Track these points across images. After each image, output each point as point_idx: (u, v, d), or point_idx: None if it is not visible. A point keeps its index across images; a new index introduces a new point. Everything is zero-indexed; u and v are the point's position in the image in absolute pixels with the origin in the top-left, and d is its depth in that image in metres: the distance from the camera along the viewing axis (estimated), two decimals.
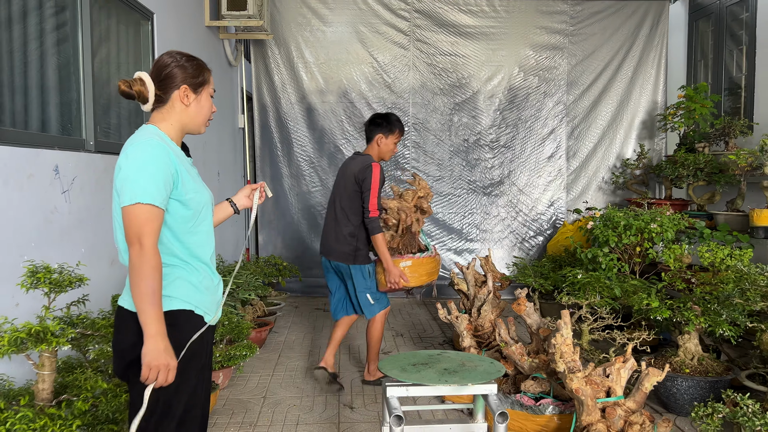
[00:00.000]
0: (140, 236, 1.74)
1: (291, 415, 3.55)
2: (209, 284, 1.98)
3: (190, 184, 1.90)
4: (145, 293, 1.72)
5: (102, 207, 3.32)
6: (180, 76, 1.92)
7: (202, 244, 1.96)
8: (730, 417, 2.38)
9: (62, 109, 3.14)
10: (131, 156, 1.80)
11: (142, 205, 1.75)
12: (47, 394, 2.05)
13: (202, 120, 2.01)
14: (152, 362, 1.72)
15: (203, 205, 1.95)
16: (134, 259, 1.74)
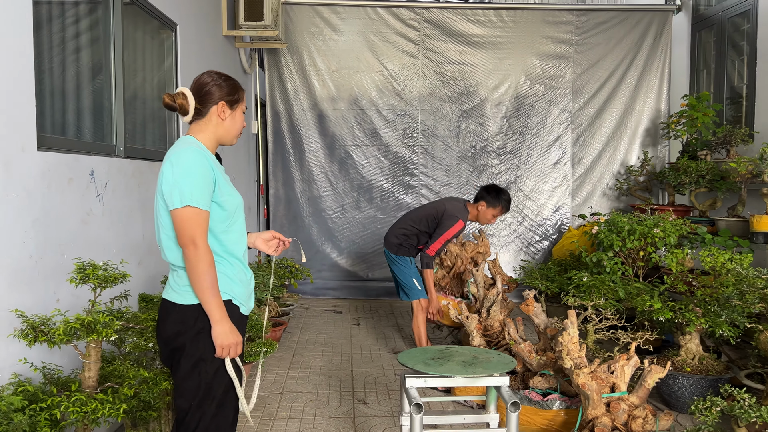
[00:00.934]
0: (193, 237, 1.95)
1: (308, 410, 3.71)
2: (243, 278, 2.17)
3: (225, 188, 2.09)
4: (206, 287, 1.95)
5: (131, 210, 3.49)
6: (218, 93, 2.12)
7: (236, 242, 2.15)
8: (727, 410, 2.53)
9: (96, 117, 3.32)
10: (176, 164, 1.99)
11: (191, 208, 1.95)
12: (93, 382, 2.22)
13: (235, 133, 2.21)
14: (223, 342, 1.98)
15: (236, 207, 2.14)
16: (191, 259, 1.95)
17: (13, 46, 2.41)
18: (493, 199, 4.38)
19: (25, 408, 1.86)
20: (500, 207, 4.38)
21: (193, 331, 2.02)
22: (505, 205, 4.38)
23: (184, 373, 2.02)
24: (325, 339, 5.34)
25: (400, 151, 6.98)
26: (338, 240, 7.04)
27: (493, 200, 4.38)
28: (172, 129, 4.38)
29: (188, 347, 2.02)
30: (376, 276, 7.02)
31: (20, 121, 2.45)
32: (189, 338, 2.02)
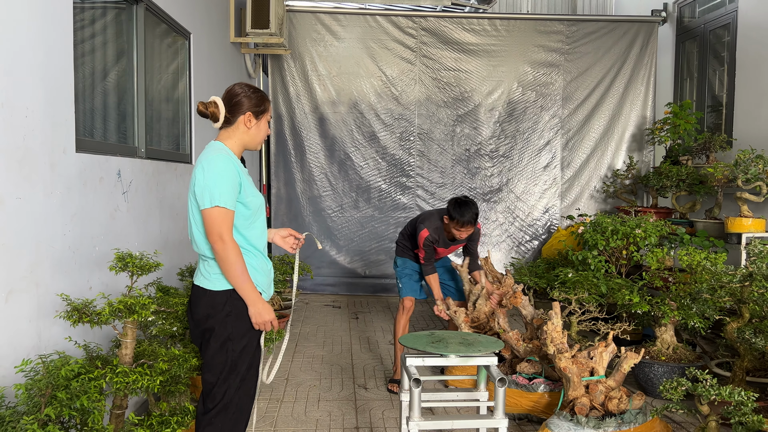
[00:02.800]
0: (221, 233, 2.23)
1: (312, 394, 4.01)
2: (264, 267, 2.47)
3: (249, 189, 2.38)
4: (238, 274, 2.25)
5: (150, 207, 3.77)
6: (246, 104, 2.39)
7: (258, 236, 2.45)
8: (691, 389, 2.85)
9: (120, 121, 3.60)
10: (207, 168, 2.27)
11: (219, 208, 2.23)
12: (129, 359, 2.50)
13: (260, 140, 2.48)
14: (259, 320, 2.31)
15: (258, 206, 2.43)
16: (221, 252, 2.23)
17: (58, 57, 2.70)
18: (451, 211, 4.00)
19: (76, 378, 2.14)
20: (455, 220, 3.94)
21: (222, 314, 2.31)
22: (458, 218, 3.92)
23: (213, 351, 2.31)
24: (326, 331, 5.63)
25: (398, 153, 7.28)
26: (337, 238, 7.33)
27: (451, 212, 4.00)
28: (186, 132, 4.67)
29: (217, 328, 2.31)
30: (374, 273, 7.32)
31: (64, 126, 2.73)
32: (218, 320, 2.31)
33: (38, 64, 2.54)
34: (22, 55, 2.43)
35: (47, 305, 2.57)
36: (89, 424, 2.10)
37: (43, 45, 2.58)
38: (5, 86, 2.31)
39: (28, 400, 1.98)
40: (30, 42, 2.48)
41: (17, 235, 2.37)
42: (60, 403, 1.97)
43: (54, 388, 2.01)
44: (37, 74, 2.53)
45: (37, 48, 2.53)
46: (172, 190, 4.16)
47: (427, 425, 2.55)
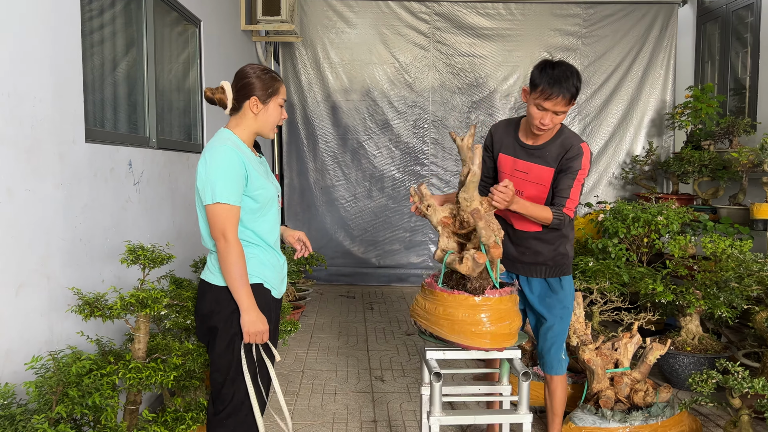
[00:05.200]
0: (224, 231, 2.09)
1: (329, 386, 3.94)
2: (275, 263, 2.32)
3: (257, 181, 2.20)
4: (235, 277, 2.10)
5: (162, 198, 3.71)
6: (251, 87, 2.21)
7: (269, 230, 2.29)
8: (722, 381, 2.74)
9: (131, 110, 3.53)
10: (209, 161, 2.13)
11: (221, 204, 2.09)
12: (142, 354, 2.44)
13: (270, 126, 2.29)
14: (250, 330, 2.13)
15: (269, 199, 2.26)
16: (222, 251, 2.10)
17: (66, 46, 2.62)
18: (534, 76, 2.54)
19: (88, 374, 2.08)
20: (539, 87, 2.48)
21: (227, 310, 2.17)
22: (544, 84, 2.46)
23: (219, 350, 2.20)
24: (341, 322, 5.57)
25: (411, 141, 7.18)
26: (351, 228, 7.26)
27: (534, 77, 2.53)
28: (197, 121, 4.60)
29: (222, 326, 2.17)
30: (388, 263, 7.25)
31: (72, 116, 2.67)
32: (223, 318, 2.17)
33: (46, 53, 2.47)
34: (29, 44, 2.35)
35: (59, 299, 2.52)
36: (102, 422, 2.05)
37: (50, 33, 2.50)
38: (11, 75, 2.23)
39: (39, 397, 1.92)
40: (37, 30, 2.41)
41: (27, 228, 2.31)
42: (72, 400, 1.91)
43: (65, 385, 1.95)
44: (44, 63, 2.45)
45: (44, 37, 2.46)
46: (183, 181, 4.09)
47: (449, 420, 2.47)
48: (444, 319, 2.41)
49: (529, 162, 2.66)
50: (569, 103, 2.48)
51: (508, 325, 2.38)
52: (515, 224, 2.74)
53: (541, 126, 2.53)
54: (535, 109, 2.51)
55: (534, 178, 2.66)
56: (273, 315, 2.34)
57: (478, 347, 2.40)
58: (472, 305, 2.35)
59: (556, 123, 2.52)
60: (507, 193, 2.30)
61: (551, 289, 2.77)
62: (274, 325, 2.37)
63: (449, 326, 2.40)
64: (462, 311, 2.37)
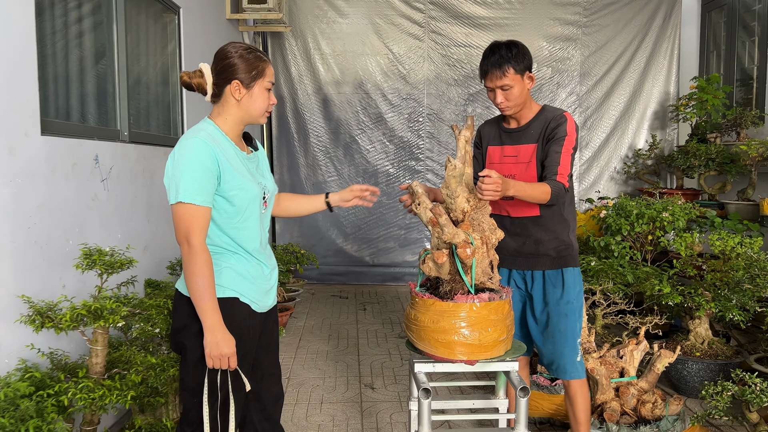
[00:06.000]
0: (187, 235, 1.82)
1: (315, 395, 3.71)
2: (257, 273, 2.02)
3: (234, 181, 1.91)
4: (198, 289, 1.81)
5: (136, 195, 3.47)
6: (232, 70, 1.93)
7: (249, 237, 1.99)
8: (738, 394, 2.51)
9: (100, 102, 3.28)
10: (177, 156, 1.87)
11: (184, 204, 1.82)
12: (100, 368, 2.21)
13: (258, 113, 2.00)
14: (211, 353, 1.84)
15: (249, 202, 1.96)
16: (185, 258, 1.83)
17: (15, 32, 2.38)
18: None
19: (33, 394, 1.85)
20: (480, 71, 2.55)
21: (198, 326, 1.89)
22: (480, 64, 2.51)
23: (187, 369, 1.94)
24: (331, 324, 5.34)
25: (406, 135, 6.93)
26: (344, 226, 7.02)
27: None
28: (177, 114, 4.35)
29: (192, 343, 1.92)
30: (382, 261, 7.01)
31: (23, 107, 2.42)
32: (193, 333, 1.91)
33: None
34: None
35: (9, 308, 2.27)
36: None
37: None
38: None
39: None
40: None
41: None
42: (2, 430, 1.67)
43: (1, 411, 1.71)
44: None
45: None
46: (161, 177, 3.84)
47: None
48: (414, 323, 2.20)
49: (515, 145, 2.57)
50: (505, 74, 2.41)
51: (479, 335, 2.13)
52: (512, 212, 2.58)
53: (500, 106, 2.50)
54: (487, 91, 2.53)
55: (522, 158, 2.55)
56: (251, 333, 2.03)
57: (442, 357, 2.18)
58: (439, 311, 2.13)
59: (511, 99, 2.46)
60: (493, 182, 2.11)
61: (552, 283, 2.55)
62: (253, 345, 2.07)
63: (417, 332, 2.18)
64: (428, 317, 2.15)
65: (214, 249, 1.95)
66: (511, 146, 2.58)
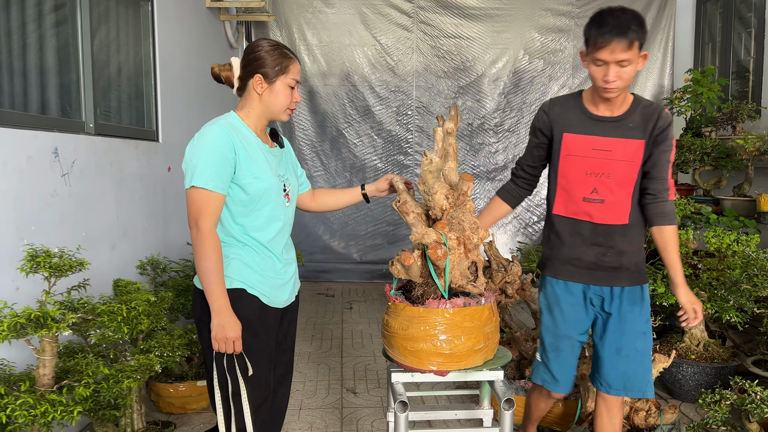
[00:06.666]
0: (197, 219, 1.84)
1: (294, 400, 3.54)
2: (268, 266, 2.00)
3: (249, 169, 1.92)
4: (206, 273, 1.83)
5: (103, 190, 3.28)
6: (257, 63, 1.95)
7: (261, 228, 1.98)
8: (738, 404, 2.36)
9: (61, 91, 3.09)
10: (196, 141, 1.89)
11: (197, 189, 1.84)
12: (48, 380, 2.03)
13: (279, 109, 2.00)
14: (216, 336, 1.85)
15: (264, 191, 1.96)
16: (194, 241, 1.86)
17: None
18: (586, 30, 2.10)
19: None
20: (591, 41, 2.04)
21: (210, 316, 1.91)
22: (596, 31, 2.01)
23: (209, 366, 1.95)
24: (316, 323, 5.17)
25: (394, 129, 6.75)
26: (330, 222, 6.84)
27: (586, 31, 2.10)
28: (151, 106, 4.15)
29: (206, 336, 1.93)
30: (370, 258, 6.84)
31: None
32: (208, 327, 1.92)
33: None
34: None
35: None
36: None
37: None
38: None
39: None
40: None
41: None
42: None
43: None
44: None
45: None
46: (132, 171, 3.65)
47: None
48: (386, 329, 2.05)
49: (610, 137, 2.13)
50: (629, 47, 1.98)
51: (450, 344, 1.97)
52: (595, 217, 2.16)
53: (606, 85, 2.02)
54: (594, 67, 2.05)
55: (620, 156, 2.12)
56: (265, 327, 2.00)
57: (410, 366, 2.02)
58: (409, 316, 1.98)
59: (624, 78, 2.02)
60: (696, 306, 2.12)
61: (631, 300, 2.22)
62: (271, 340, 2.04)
63: (388, 339, 2.04)
64: (398, 322, 1.99)
65: (224, 239, 1.96)
66: (604, 138, 2.13)
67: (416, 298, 2.01)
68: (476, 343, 2.00)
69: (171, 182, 4.22)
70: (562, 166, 2.20)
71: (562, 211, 2.21)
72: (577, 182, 2.17)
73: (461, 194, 2.01)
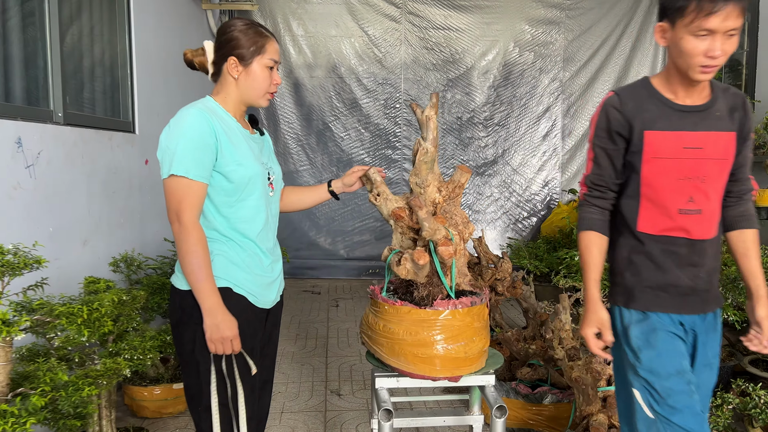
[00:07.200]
0: (178, 212, 1.68)
1: (275, 403, 3.39)
2: (255, 263, 1.84)
3: (232, 156, 1.76)
4: (192, 269, 1.67)
5: (73, 183, 3.10)
6: (231, 45, 1.79)
7: (247, 220, 1.82)
8: (740, 408, 2.24)
9: (27, 79, 2.91)
10: (171, 128, 1.73)
11: (176, 178, 1.68)
12: (3, 387, 1.86)
13: (257, 93, 1.84)
14: (211, 337, 1.69)
15: (249, 179, 1.79)
16: (176, 236, 1.70)
17: None
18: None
19: None
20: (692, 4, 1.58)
21: (193, 320, 1.74)
22: None
23: (186, 371, 1.79)
24: (300, 322, 5.02)
25: (382, 122, 6.60)
26: (317, 217, 6.68)
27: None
28: (126, 96, 3.97)
29: (187, 340, 1.76)
30: (357, 255, 6.69)
31: None
32: (189, 329, 1.75)
33: None
34: None
35: None
36: None
37: None
38: None
39: None
40: None
41: None
42: None
43: None
44: None
45: None
46: (105, 163, 3.48)
47: None
48: (384, 336, 1.88)
49: (700, 131, 1.70)
50: (743, 13, 1.58)
51: (464, 346, 1.84)
52: (693, 231, 1.73)
53: (711, 62, 1.60)
54: (692, 40, 1.59)
55: (713, 153, 1.71)
56: (252, 329, 1.83)
57: (422, 375, 1.88)
58: (417, 320, 1.82)
59: (728, 53, 1.62)
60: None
61: (713, 327, 1.81)
62: (256, 343, 1.86)
63: (389, 346, 1.88)
64: (404, 328, 1.84)
65: (207, 234, 1.79)
66: (693, 133, 1.70)
67: (421, 300, 1.86)
68: (485, 343, 1.89)
69: (148, 175, 4.05)
70: (646, 172, 1.74)
71: (651, 228, 1.75)
72: (670, 191, 1.71)
73: (457, 186, 1.86)
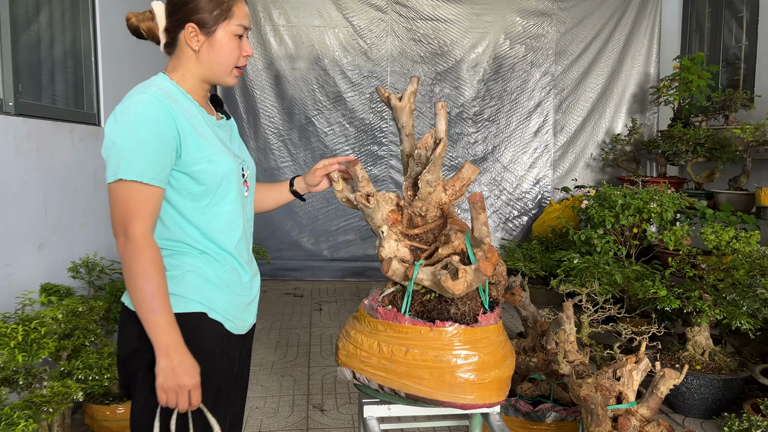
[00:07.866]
0: (126, 224, 1.34)
1: (252, 420, 3.11)
2: (233, 280, 1.52)
3: (200, 151, 1.43)
4: (144, 297, 1.31)
5: (25, 181, 2.79)
6: (187, 10, 1.44)
7: (224, 229, 1.50)
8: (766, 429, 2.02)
9: None
10: (117, 117, 1.38)
11: (125, 183, 1.35)
12: None
13: (223, 68, 1.49)
14: (164, 384, 1.33)
15: (222, 179, 1.46)
16: (122, 255, 1.34)
17: None
18: None
19: None
20: None
21: (152, 353, 1.37)
22: None
23: (136, 411, 1.42)
24: (281, 328, 4.73)
25: (367, 117, 6.32)
26: (299, 216, 6.39)
27: None
28: (90, 85, 3.65)
29: (143, 375, 1.40)
30: (341, 255, 6.41)
31: None
32: (147, 361, 1.39)
33: None
34: None
35: None
36: None
37: None
38: None
39: None
40: None
41: None
42: None
43: None
44: None
45: None
46: (63, 158, 3.17)
47: None
48: (423, 368, 1.57)
49: None
50: None
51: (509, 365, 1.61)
52: None
53: None
54: None
55: None
56: (226, 362, 1.51)
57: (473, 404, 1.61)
58: (468, 340, 1.55)
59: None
60: None
61: None
62: (230, 377, 1.54)
63: (433, 379, 1.56)
64: (449, 352, 1.56)
65: (173, 246, 1.46)
66: None
67: (461, 316, 1.58)
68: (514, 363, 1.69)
69: None
70: None
71: None
72: None
73: (464, 185, 1.60)
